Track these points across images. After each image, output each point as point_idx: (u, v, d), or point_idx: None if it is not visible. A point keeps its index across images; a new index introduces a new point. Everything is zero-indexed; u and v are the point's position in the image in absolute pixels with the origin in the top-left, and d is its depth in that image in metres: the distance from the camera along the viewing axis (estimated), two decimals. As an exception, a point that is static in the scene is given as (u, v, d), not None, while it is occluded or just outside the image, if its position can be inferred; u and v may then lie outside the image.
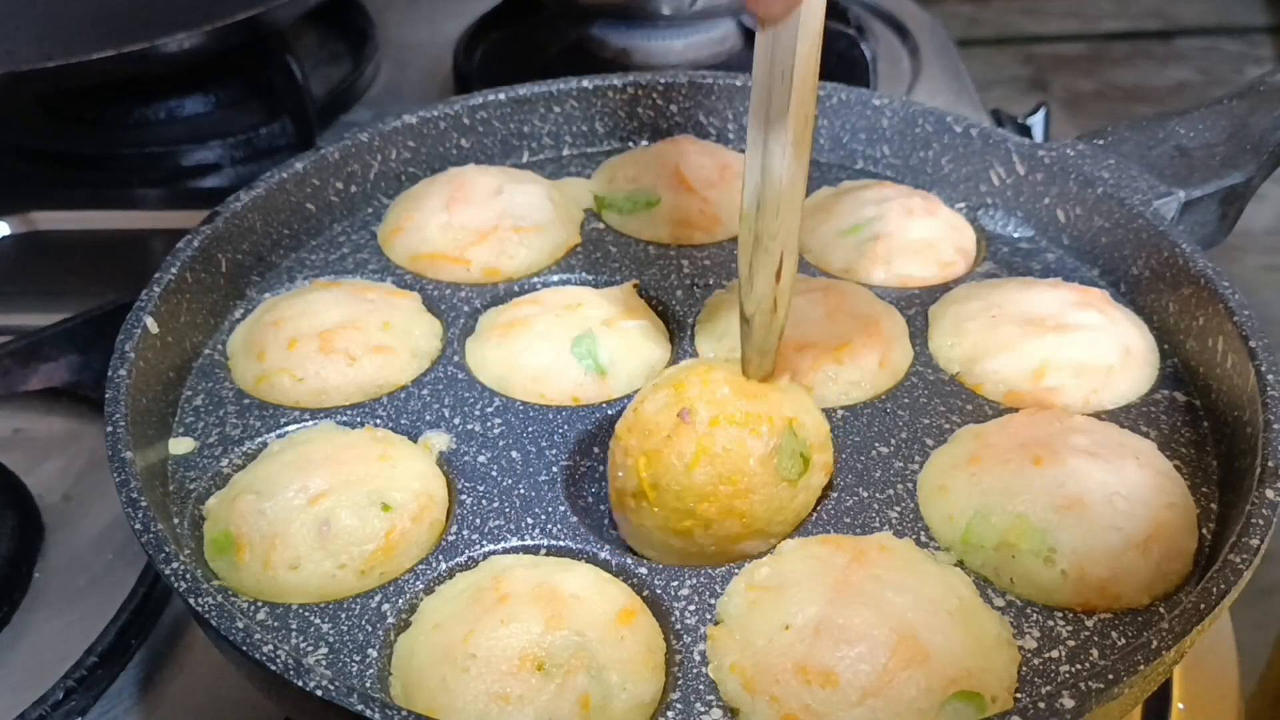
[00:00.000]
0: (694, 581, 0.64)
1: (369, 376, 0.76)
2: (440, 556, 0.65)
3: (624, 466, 0.67)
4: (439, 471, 0.70)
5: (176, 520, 0.68)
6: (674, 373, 0.69)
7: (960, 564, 0.65)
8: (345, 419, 0.73)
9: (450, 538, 0.66)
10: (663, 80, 0.98)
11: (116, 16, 1.22)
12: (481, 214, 0.87)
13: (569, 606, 0.60)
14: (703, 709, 0.58)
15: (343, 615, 0.62)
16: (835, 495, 0.69)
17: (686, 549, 0.65)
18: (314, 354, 0.75)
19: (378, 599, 0.63)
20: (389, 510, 0.66)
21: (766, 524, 0.65)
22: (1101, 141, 0.88)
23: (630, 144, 1.00)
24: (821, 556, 0.63)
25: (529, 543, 0.66)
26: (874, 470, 0.70)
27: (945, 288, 0.84)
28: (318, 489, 0.66)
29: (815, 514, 0.67)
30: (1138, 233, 0.82)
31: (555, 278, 0.85)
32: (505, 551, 0.66)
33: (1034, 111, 1.34)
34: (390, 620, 0.62)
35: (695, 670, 0.60)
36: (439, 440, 0.72)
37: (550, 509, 0.68)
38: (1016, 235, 0.89)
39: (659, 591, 0.63)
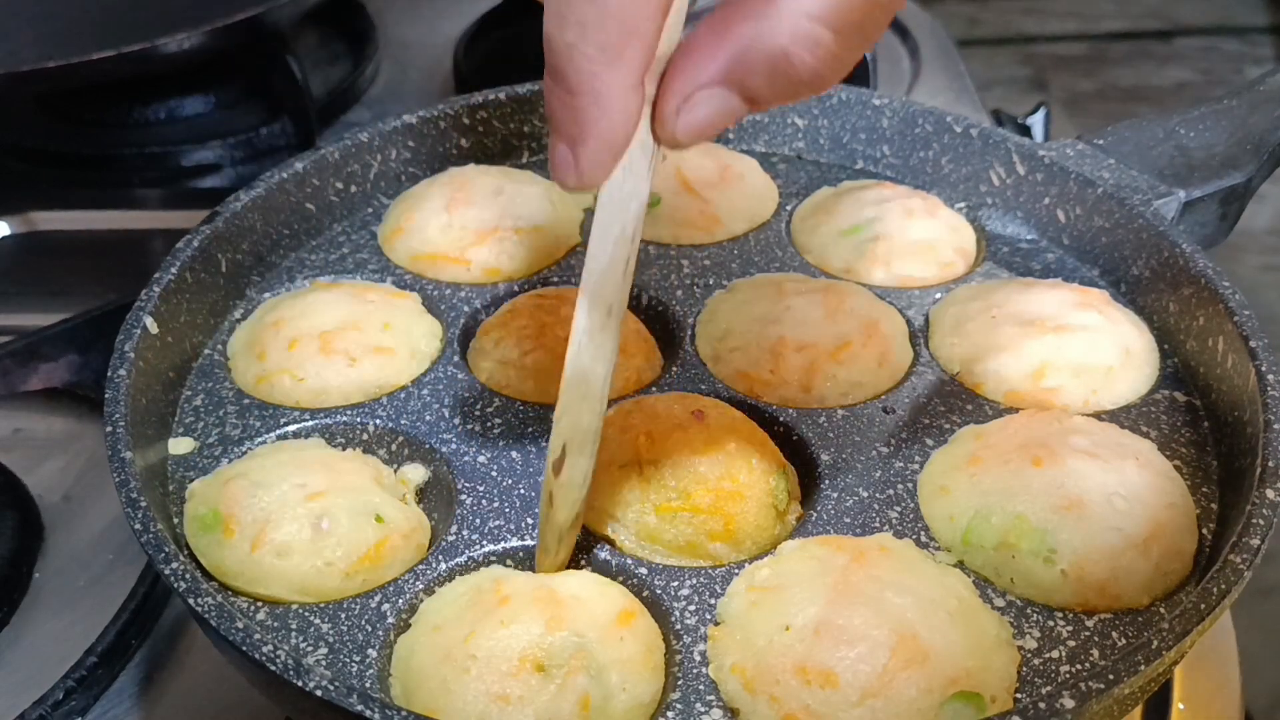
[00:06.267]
0: (694, 582, 0.64)
1: (369, 377, 0.76)
2: (440, 557, 0.65)
3: (617, 439, 0.67)
4: (419, 510, 0.70)
5: (176, 520, 0.68)
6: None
7: (960, 564, 0.65)
8: (345, 419, 0.73)
9: (450, 538, 0.66)
10: (663, 80, 0.98)
11: (116, 16, 1.22)
12: (481, 214, 0.87)
13: (569, 608, 0.60)
14: (703, 709, 0.58)
15: (343, 615, 0.62)
16: (835, 495, 0.69)
17: (659, 530, 0.66)
18: (314, 354, 0.75)
19: (378, 599, 0.63)
20: (382, 522, 0.66)
21: (744, 537, 0.66)
22: (1101, 141, 0.88)
23: (630, 144, 0.99)
24: (821, 557, 0.63)
25: (529, 543, 0.66)
26: (874, 470, 0.70)
27: (945, 288, 0.84)
28: (317, 487, 0.66)
29: (815, 514, 0.68)
30: (1138, 233, 0.82)
31: (555, 278, 0.85)
32: (505, 552, 0.66)
33: (1034, 111, 1.34)
34: (390, 620, 0.62)
35: (695, 670, 0.60)
36: (415, 474, 0.72)
37: (550, 509, 0.68)
38: (1016, 235, 0.90)
39: (659, 592, 0.63)
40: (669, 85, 0.50)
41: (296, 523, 0.64)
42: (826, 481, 0.69)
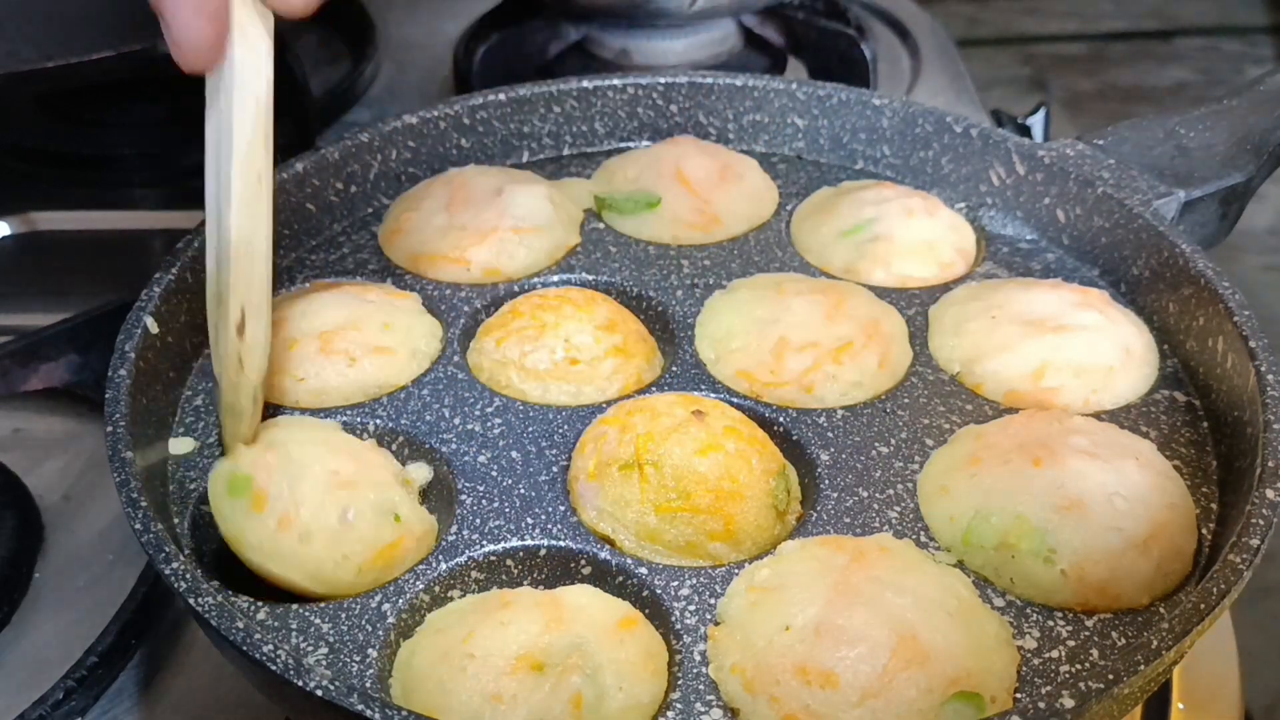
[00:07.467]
0: (694, 582, 0.64)
1: (369, 377, 0.76)
2: (440, 557, 0.65)
3: (618, 439, 0.68)
4: (426, 512, 0.70)
5: (176, 520, 0.68)
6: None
7: (960, 564, 0.65)
8: (346, 419, 0.73)
9: (450, 538, 0.66)
10: (663, 80, 0.98)
11: (116, 16, 1.22)
12: (481, 214, 0.87)
13: (570, 612, 0.61)
14: (703, 709, 0.58)
15: (343, 615, 0.62)
16: (835, 495, 0.69)
17: (659, 530, 0.66)
18: (314, 355, 0.75)
19: (378, 599, 0.63)
20: (399, 522, 0.66)
21: (744, 537, 0.66)
22: (1101, 141, 0.88)
23: (630, 144, 1.00)
24: (821, 557, 0.63)
25: (529, 543, 0.66)
26: (874, 470, 0.70)
27: (945, 288, 0.84)
28: (348, 476, 0.66)
29: (815, 514, 0.68)
30: (1138, 233, 0.82)
31: (555, 278, 0.85)
32: (505, 552, 0.66)
33: (1034, 111, 1.34)
34: (390, 620, 0.62)
35: (695, 670, 0.60)
36: (420, 473, 0.72)
37: (550, 509, 0.68)
38: (1016, 235, 0.90)
39: (659, 591, 0.63)
40: None
41: (324, 510, 0.64)
42: (826, 481, 0.69)
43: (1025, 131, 1.32)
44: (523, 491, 0.69)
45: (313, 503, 0.64)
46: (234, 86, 0.61)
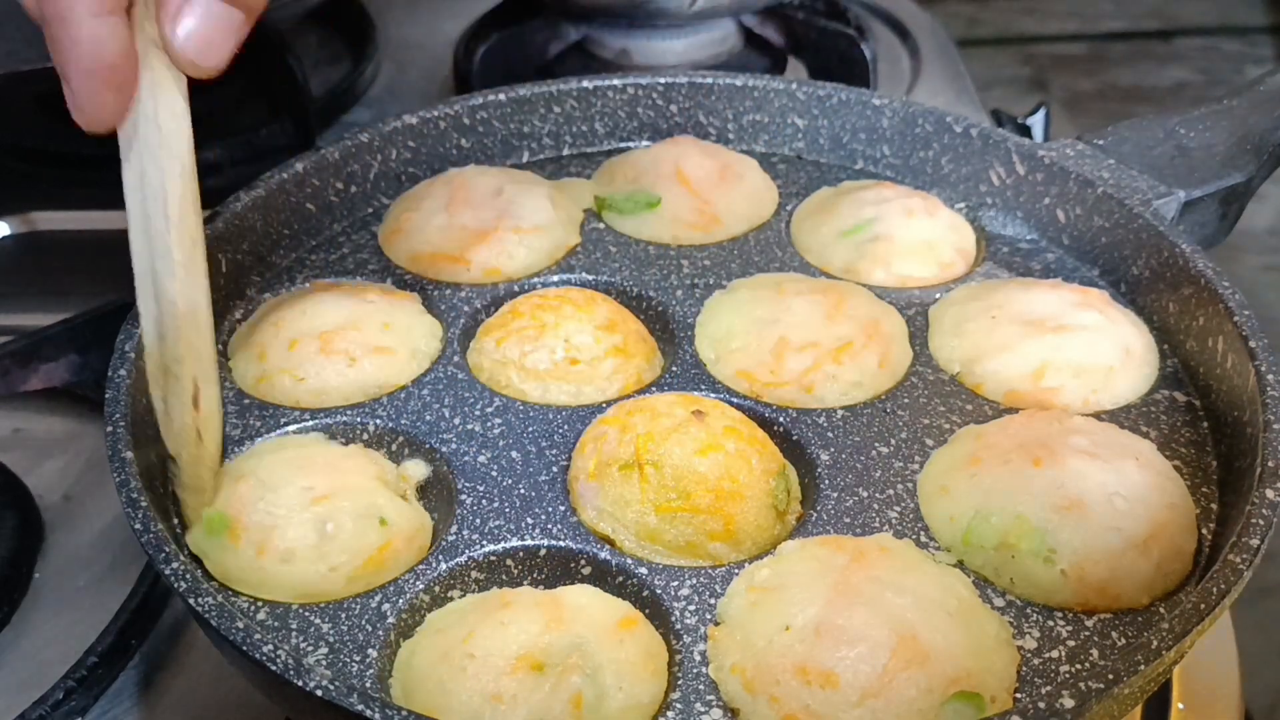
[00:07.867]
0: (694, 582, 0.64)
1: (369, 377, 0.76)
2: (440, 557, 0.65)
3: (618, 439, 0.68)
4: (421, 509, 0.70)
5: (176, 520, 0.68)
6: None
7: (960, 564, 0.65)
8: (345, 419, 0.73)
9: (450, 538, 0.66)
10: (663, 80, 0.98)
11: (116, 17, 1.22)
12: (481, 214, 0.87)
13: (570, 612, 0.61)
14: (703, 709, 0.58)
15: (343, 615, 0.62)
16: (835, 495, 0.69)
17: (659, 530, 0.66)
18: (314, 355, 0.76)
19: (378, 599, 0.63)
20: (385, 525, 0.66)
21: (744, 537, 0.66)
22: (1101, 141, 0.88)
23: (630, 144, 1.00)
24: (821, 557, 0.63)
25: (529, 543, 0.66)
26: (874, 470, 0.70)
27: (945, 288, 0.84)
28: (323, 489, 0.66)
29: (815, 514, 0.68)
30: (1138, 233, 0.82)
31: (555, 278, 0.85)
32: (505, 552, 0.66)
33: (1034, 111, 1.34)
34: (390, 620, 0.62)
35: (695, 670, 0.60)
36: (416, 470, 0.72)
37: (550, 509, 0.68)
38: (1016, 235, 0.90)
39: (659, 591, 0.63)
40: (161, 7, 0.53)
41: (302, 528, 0.64)
42: (826, 481, 0.69)
43: (1025, 131, 1.32)
44: (523, 491, 0.69)
45: (288, 523, 0.64)
46: (159, 148, 0.59)
